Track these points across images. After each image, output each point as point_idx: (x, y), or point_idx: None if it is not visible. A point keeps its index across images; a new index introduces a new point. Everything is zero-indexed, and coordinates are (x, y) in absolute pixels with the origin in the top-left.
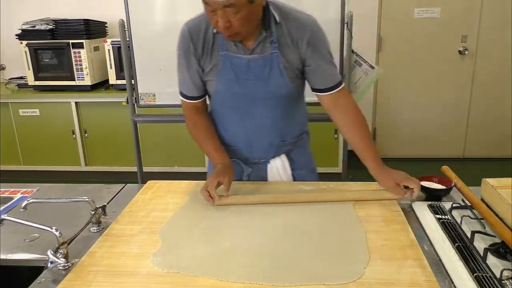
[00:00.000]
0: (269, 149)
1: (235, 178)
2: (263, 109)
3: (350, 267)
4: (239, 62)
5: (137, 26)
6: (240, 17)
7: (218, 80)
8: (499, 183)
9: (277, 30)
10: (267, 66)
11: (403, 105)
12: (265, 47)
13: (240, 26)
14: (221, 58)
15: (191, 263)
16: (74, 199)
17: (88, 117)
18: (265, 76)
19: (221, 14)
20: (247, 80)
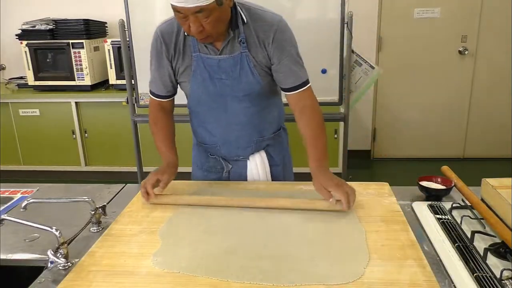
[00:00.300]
0: (247, 146)
1: (215, 176)
2: (238, 106)
3: (350, 267)
4: (211, 62)
5: (137, 26)
6: (211, 20)
7: (193, 81)
8: (499, 183)
9: (245, 30)
10: (238, 65)
11: (403, 105)
12: (234, 47)
13: (212, 28)
14: (194, 59)
15: (191, 263)
16: (74, 199)
17: (88, 117)
18: (237, 75)
19: (193, 20)
20: (220, 79)
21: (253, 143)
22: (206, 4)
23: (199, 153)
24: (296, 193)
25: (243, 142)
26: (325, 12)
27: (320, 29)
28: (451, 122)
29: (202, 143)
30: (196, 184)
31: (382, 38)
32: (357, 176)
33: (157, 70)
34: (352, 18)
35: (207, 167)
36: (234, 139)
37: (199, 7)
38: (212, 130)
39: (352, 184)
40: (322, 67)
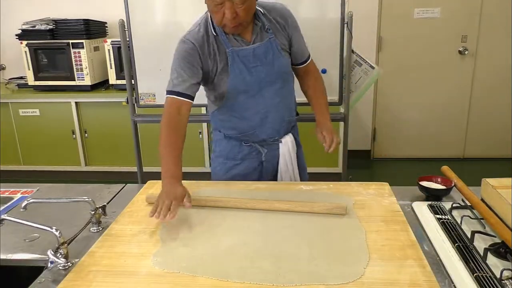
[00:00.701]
0: (281, 126)
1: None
2: (272, 88)
3: (350, 267)
4: (245, 53)
5: (137, 26)
6: (245, 7)
7: (231, 74)
8: (499, 183)
9: (266, 19)
10: (270, 51)
11: (403, 105)
12: (263, 35)
13: (245, 15)
14: (229, 54)
15: (191, 263)
16: (74, 199)
17: (88, 117)
18: (270, 59)
19: (229, 6)
20: (256, 67)
21: (285, 122)
22: None
23: (229, 145)
24: (296, 193)
25: (278, 122)
26: (325, 12)
27: (320, 29)
28: (451, 122)
29: (239, 132)
30: (193, 185)
31: (382, 38)
32: (357, 176)
33: (187, 71)
34: (352, 18)
35: (241, 156)
36: (270, 120)
37: None
38: (250, 117)
39: (352, 184)
40: (322, 67)
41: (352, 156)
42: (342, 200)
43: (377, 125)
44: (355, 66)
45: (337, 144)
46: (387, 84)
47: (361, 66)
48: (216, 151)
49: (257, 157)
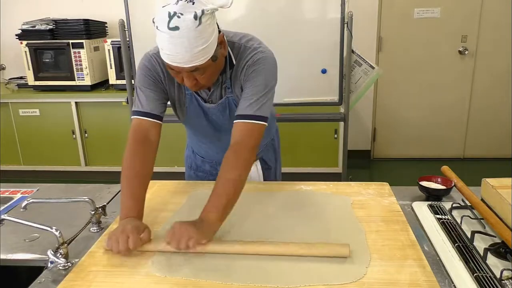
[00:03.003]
0: None
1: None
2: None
3: (352, 267)
4: (202, 103)
5: (137, 26)
6: (206, 75)
7: (187, 114)
8: (499, 183)
9: (231, 74)
10: (226, 109)
11: (403, 105)
12: (222, 91)
13: (207, 82)
14: (187, 97)
15: (192, 266)
16: (74, 199)
17: (88, 117)
18: (227, 116)
19: (187, 76)
20: (213, 118)
21: None
22: (202, 63)
23: (194, 157)
24: (296, 193)
25: None
26: (325, 12)
27: (320, 29)
28: (451, 122)
29: (198, 155)
30: (193, 185)
31: (382, 38)
32: (357, 176)
33: (152, 89)
34: (352, 18)
35: (202, 170)
36: None
37: (194, 67)
38: (208, 150)
39: (352, 184)
40: (322, 67)
41: (352, 156)
42: (340, 199)
43: (377, 125)
44: (355, 66)
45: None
46: (387, 84)
47: (361, 66)
48: (185, 156)
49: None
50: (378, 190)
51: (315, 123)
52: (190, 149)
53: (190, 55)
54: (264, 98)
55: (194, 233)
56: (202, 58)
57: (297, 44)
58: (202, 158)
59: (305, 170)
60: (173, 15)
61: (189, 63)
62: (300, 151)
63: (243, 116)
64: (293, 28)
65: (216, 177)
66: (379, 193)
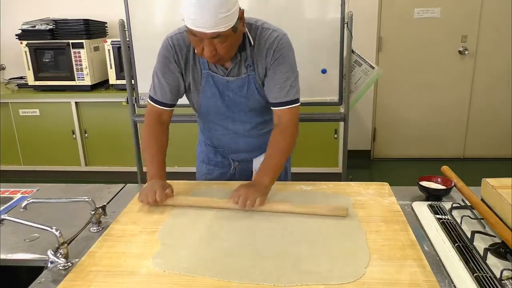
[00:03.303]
0: (254, 150)
1: (222, 170)
2: (245, 118)
3: (351, 267)
4: (219, 80)
5: (137, 26)
6: (226, 45)
7: (202, 94)
8: (499, 183)
9: (250, 52)
10: (245, 86)
11: (403, 105)
12: (241, 69)
13: (225, 53)
14: (204, 76)
15: (192, 264)
16: (74, 199)
17: (88, 117)
18: (244, 94)
19: (208, 43)
20: (229, 96)
21: (259, 148)
22: (224, 30)
23: (206, 149)
24: (296, 193)
25: (250, 147)
26: (325, 12)
27: (320, 29)
28: (451, 122)
29: (211, 145)
30: (198, 184)
31: (382, 38)
32: (357, 176)
33: (167, 77)
34: (352, 18)
35: (215, 163)
36: (241, 146)
37: (216, 33)
38: (220, 137)
39: (352, 184)
40: (322, 67)
41: (352, 156)
42: (341, 200)
43: (377, 125)
44: (355, 66)
45: (248, 205)
46: (387, 84)
47: (361, 66)
48: (197, 152)
49: (229, 167)
50: (378, 190)
51: (315, 123)
52: (202, 143)
53: (214, 21)
54: (295, 81)
55: (259, 193)
56: (225, 25)
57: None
58: (215, 149)
59: (305, 170)
60: None
61: (212, 28)
62: (300, 151)
63: (285, 102)
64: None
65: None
66: (379, 193)
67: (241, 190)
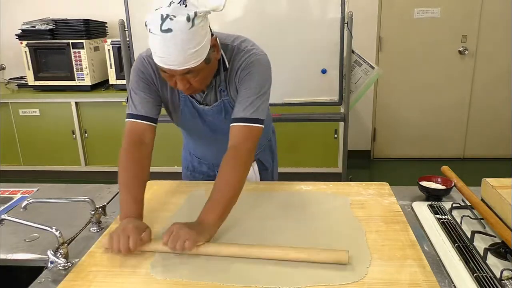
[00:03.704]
0: None
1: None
2: (227, 136)
3: (352, 267)
4: (197, 105)
5: (137, 26)
6: (199, 78)
7: (182, 116)
8: (499, 183)
9: (225, 75)
10: (222, 111)
11: (403, 105)
12: (216, 94)
13: (200, 85)
14: (181, 99)
15: (191, 269)
16: (74, 199)
17: (88, 117)
18: (222, 118)
19: (180, 79)
20: (209, 119)
21: None
22: (195, 66)
23: (191, 158)
24: (296, 193)
25: None
26: (325, 12)
27: (320, 29)
28: (451, 122)
29: (195, 155)
30: (192, 185)
31: (382, 38)
32: (357, 176)
33: (147, 91)
34: (352, 18)
35: (199, 171)
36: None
37: (187, 69)
38: (204, 152)
39: (352, 184)
40: (322, 67)
41: (352, 156)
42: (339, 199)
43: (377, 125)
44: (355, 66)
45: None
46: (387, 84)
47: (361, 66)
48: (182, 157)
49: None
50: (378, 190)
51: (315, 123)
52: (187, 150)
53: (183, 57)
54: (258, 100)
55: (191, 234)
56: (195, 61)
57: (297, 44)
58: (199, 160)
59: (305, 170)
60: (166, 18)
61: (182, 65)
62: (300, 151)
63: (239, 119)
64: (293, 28)
65: (214, 178)
66: (379, 193)
67: (173, 228)
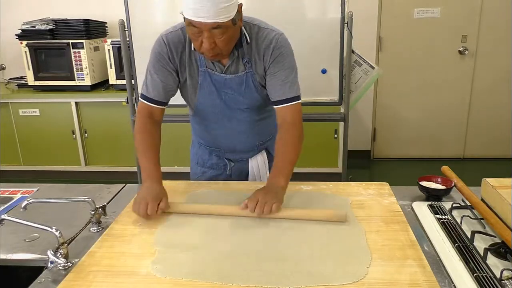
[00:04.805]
0: (250, 150)
1: (217, 172)
2: (242, 116)
3: (353, 267)
4: (217, 77)
5: (137, 26)
6: (225, 37)
7: (199, 93)
8: (499, 183)
9: (247, 50)
10: (243, 83)
11: (403, 105)
12: (239, 66)
13: (224, 46)
14: (201, 73)
15: (193, 268)
16: (74, 199)
17: (88, 117)
18: (242, 91)
19: (207, 36)
20: (226, 93)
21: (255, 147)
22: (224, 21)
23: (201, 151)
24: (296, 193)
25: (246, 147)
26: (325, 12)
27: (320, 29)
28: (451, 122)
29: (206, 145)
30: (192, 185)
31: (382, 38)
32: (357, 176)
33: (160, 74)
34: (352, 18)
35: (210, 165)
36: (238, 144)
37: (216, 23)
38: (216, 136)
39: (352, 184)
40: (322, 67)
41: (352, 156)
42: (338, 199)
43: (377, 125)
44: (355, 66)
45: (265, 212)
46: (387, 84)
47: (361, 66)
48: (191, 154)
49: (224, 168)
50: (378, 190)
51: (315, 123)
52: (196, 144)
53: (215, 10)
54: (295, 78)
55: (276, 198)
56: (225, 15)
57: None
58: (210, 149)
59: (305, 170)
60: None
61: (213, 18)
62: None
63: (288, 99)
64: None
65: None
66: (379, 193)
67: (258, 195)
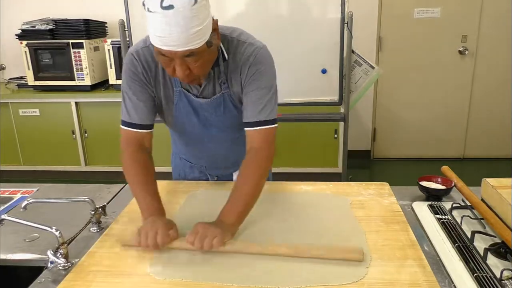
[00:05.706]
0: (233, 165)
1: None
2: (222, 134)
3: (352, 267)
4: (194, 99)
5: (137, 26)
6: (200, 63)
7: (176, 113)
8: (499, 183)
9: (224, 68)
10: (221, 105)
11: (403, 105)
12: (215, 87)
13: (200, 71)
14: (176, 93)
15: (192, 269)
16: (74, 199)
17: (88, 117)
18: (221, 113)
19: (179, 63)
20: (204, 115)
21: (238, 162)
22: (197, 47)
23: (182, 164)
24: (296, 193)
25: (229, 162)
26: (325, 12)
27: (320, 29)
28: (451, 122)
29: (187, 160)
30: (192, 185)
31: (382, 38)
32: (357, 176)
33: (139, 95)
34: (352, 18)
35: (191, 178)
36: (219, 161)
37: (189, 51)
38: (197, 154)
39: (352, 184)
40: (322, 67)
41: (352, 156)
42: (339, 199)
43: (377, 125)
44: (355, 66)
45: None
46: (387, 84)
47: (361, 66)
48: (172, 165)
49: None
50: (378, 190)
51: (315, 123)
52: (177, 156)
53: (186, 37)
54: (272, 100)
55: (218, 232)
56: (198, 41)
57: (297, 44)
58: (191, 164)
59: (305, 170)
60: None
61: (184, 46)
62: (300, 151)
63: (257, 122)
64: (293, 28)
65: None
66: (379, 193)
67: (199, 228)
